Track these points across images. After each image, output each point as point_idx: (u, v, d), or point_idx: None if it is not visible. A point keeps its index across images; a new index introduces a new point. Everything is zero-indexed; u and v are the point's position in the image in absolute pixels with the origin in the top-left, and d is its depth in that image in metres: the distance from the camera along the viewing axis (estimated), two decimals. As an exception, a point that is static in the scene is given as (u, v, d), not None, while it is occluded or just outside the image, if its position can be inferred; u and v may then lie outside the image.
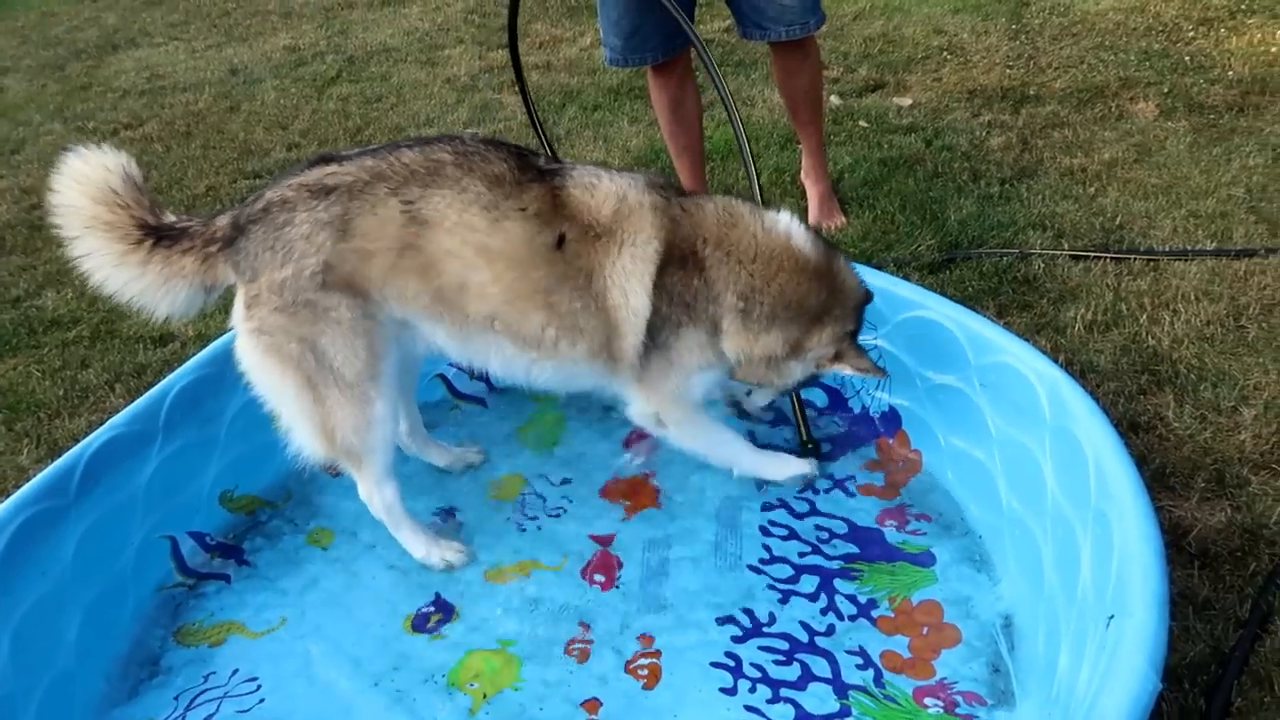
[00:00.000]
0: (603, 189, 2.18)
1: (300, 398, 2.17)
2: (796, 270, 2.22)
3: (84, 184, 2.10)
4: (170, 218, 2.19)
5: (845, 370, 2.33)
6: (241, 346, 2.19)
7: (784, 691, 2.05)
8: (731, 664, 2.11)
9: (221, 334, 2.71)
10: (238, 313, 2.17)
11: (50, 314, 3.73)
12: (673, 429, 2.37)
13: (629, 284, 2.15)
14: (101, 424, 2.43)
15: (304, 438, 2.23)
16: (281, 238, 2.09)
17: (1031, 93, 4.63)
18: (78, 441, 2.37)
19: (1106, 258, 3.27)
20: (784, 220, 2.26)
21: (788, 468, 2.52)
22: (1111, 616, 1.71)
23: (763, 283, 2.20)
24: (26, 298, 3.92)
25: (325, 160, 2.18)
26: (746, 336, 2.23)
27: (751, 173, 2.77)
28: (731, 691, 2.05)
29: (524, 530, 2.51)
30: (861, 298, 2.34)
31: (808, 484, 2.55)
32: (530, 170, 2.17)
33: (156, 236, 2.13)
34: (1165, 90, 4.45)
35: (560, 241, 2.13)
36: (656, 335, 2.19)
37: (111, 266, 2.12)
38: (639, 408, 2.35)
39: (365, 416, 2.19)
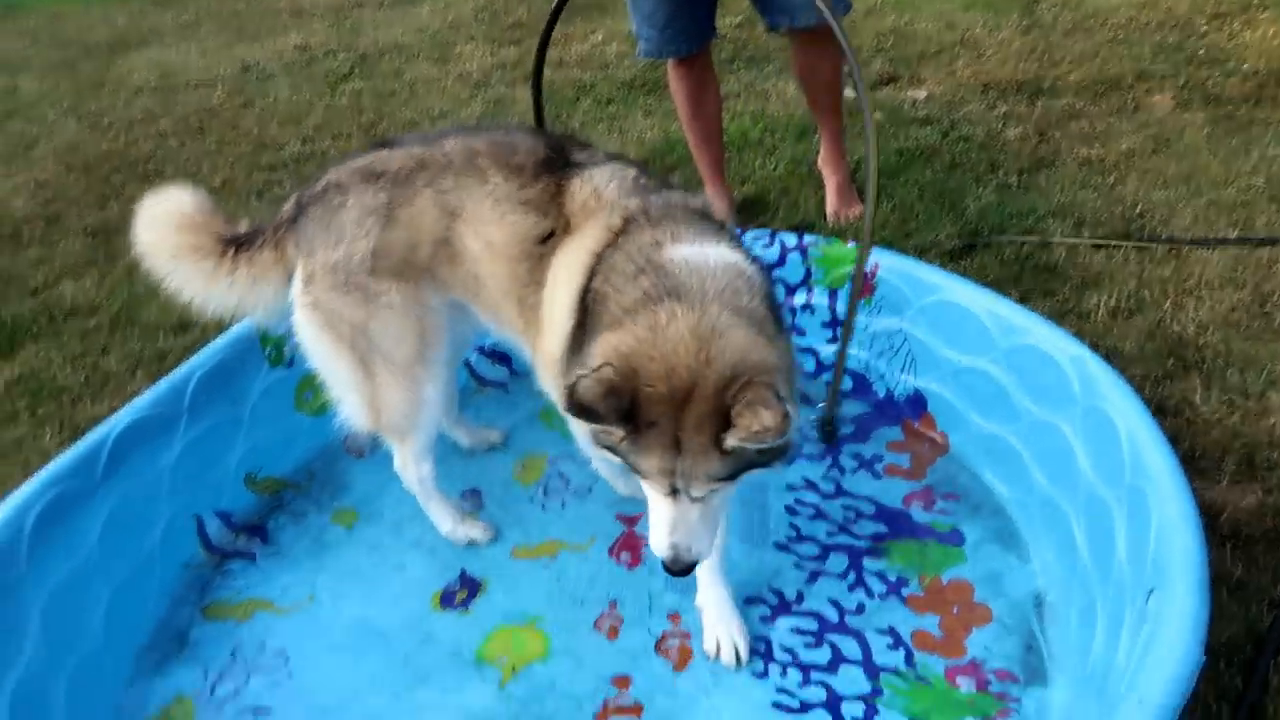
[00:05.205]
0: (591, 183, 2.04)
1: (352, 374, 2.18)
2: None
3: (160, 218, 2.18)
4: (244, 226, 2.23)
5: None
6: (298, 320, 2.19)
7: (815, 675, 2.03)
8: (761, 648, 2.10)
9: (240, 320, 2.70)
10: (295, 286, 2.17)
11: (70, 303, 3.71)
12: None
13: (557, 291, 1.99)
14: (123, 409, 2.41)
15: (352, 410, 2.24)
16: (335, 220, 2.10)
17: (1046, 85, 4.62)
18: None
19: (1129, 246, 3.27)
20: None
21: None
22: (1151, 590, 1.71)
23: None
24: (45, 288, 3.90)
25: (382, 145, 2.20)
26: None
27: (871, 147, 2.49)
28: (763, 675, 2.04)
29: (549, 510, 2.50)
30: None
31: None
32: (556, 161, 2.08)
33: (237, 245, 2.17)
34: (1181, 83, 4.44)
35: (548, 236, 2.04)
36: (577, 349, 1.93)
37: (206, 285, 2.17)
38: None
39: (415, 398, 2.20)
